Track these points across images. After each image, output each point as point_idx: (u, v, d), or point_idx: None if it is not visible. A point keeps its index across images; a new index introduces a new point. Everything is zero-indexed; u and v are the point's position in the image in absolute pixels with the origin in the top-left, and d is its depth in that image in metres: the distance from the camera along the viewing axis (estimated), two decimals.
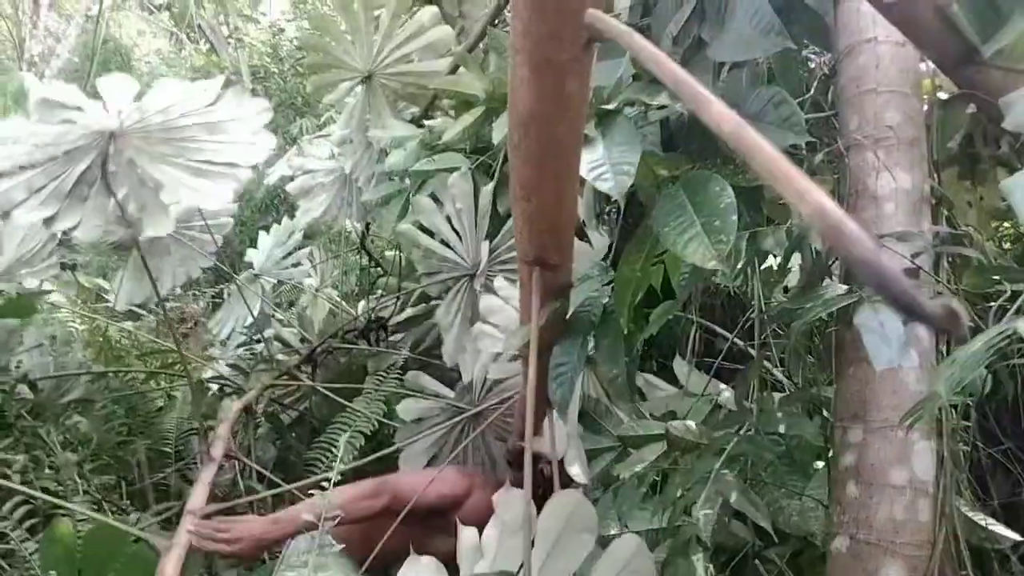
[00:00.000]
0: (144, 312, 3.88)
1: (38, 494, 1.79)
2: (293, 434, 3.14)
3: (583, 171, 1.28)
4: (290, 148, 3.91)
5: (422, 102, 2.87)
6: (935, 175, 1.56)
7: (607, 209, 1.76)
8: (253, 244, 3.66)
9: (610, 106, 1.39)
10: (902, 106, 1.49)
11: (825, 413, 1.44)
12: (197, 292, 4.32)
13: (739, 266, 1.44)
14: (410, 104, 2.92)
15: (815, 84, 1.72)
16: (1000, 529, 1.46)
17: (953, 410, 1.32)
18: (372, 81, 2.82)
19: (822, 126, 1.58)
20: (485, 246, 2.29)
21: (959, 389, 1.17)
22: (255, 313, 3.21)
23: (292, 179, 3.42)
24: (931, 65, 1.63)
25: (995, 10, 1.42)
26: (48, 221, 1.69)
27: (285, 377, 2.91)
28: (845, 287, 1.26)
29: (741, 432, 1.35)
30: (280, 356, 3.05)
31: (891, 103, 1.50)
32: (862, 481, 1.28)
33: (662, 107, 1.44)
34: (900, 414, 1.25)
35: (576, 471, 1.90)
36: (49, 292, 2.74)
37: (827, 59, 1.80)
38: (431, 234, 2.43)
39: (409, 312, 3.21)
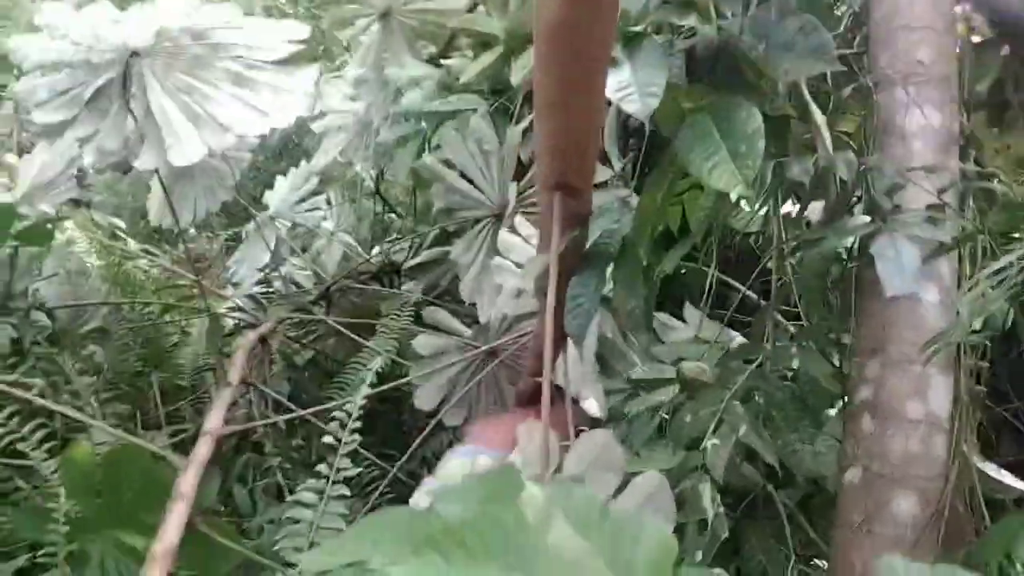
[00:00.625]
0: (158, 253, 3.89)
1: (61, 408, 1.81)
2: (307, 374, 3.17)
3: (609, 92, 1.25)
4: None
5: (440, 41, 2.82)
6: (966, 115, 1.52)
7: (630, 142, 1.73)
8: (268, 189, 3.64)
9: (637, 28, 1.35)
10: (935, 43, 1.45)
11: (839, 356, 1.43)
12: (211, 235, 4.32)
13: (762, 202, 1.42)
14: (428, 43, 2.87)
15: (844, 22, 1.67)
16: (1008, 478, 1.45)
17: (971, 349, 1.30)
18: (389, 18, 2.77)
19: (850, 65, 1.54)
20: (513, 187, 2.27)
21: (981, 325, 1.15)
22: (271, 253, 3.21)
23: (306, 122, 3.39)
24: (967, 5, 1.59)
25: None
26: (64, 126, 1.67)
27: (300, 312, 2.92)
28: (867, 218, 1.24)
29: (753, 367, 1.34)
30: (295, 289, 3.07)
31: (924, 40, 1.45)
32: (878, 415, 1.28)
33: (691, 34, 1.41)
34: (918, 349, 1.24)
35: (592, 407, 1.90)
36: (66, 218, 2.75)
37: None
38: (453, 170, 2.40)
39: (424, 256, 3.21)
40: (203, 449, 1.86)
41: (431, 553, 0.50)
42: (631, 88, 1.26)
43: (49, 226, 2.17)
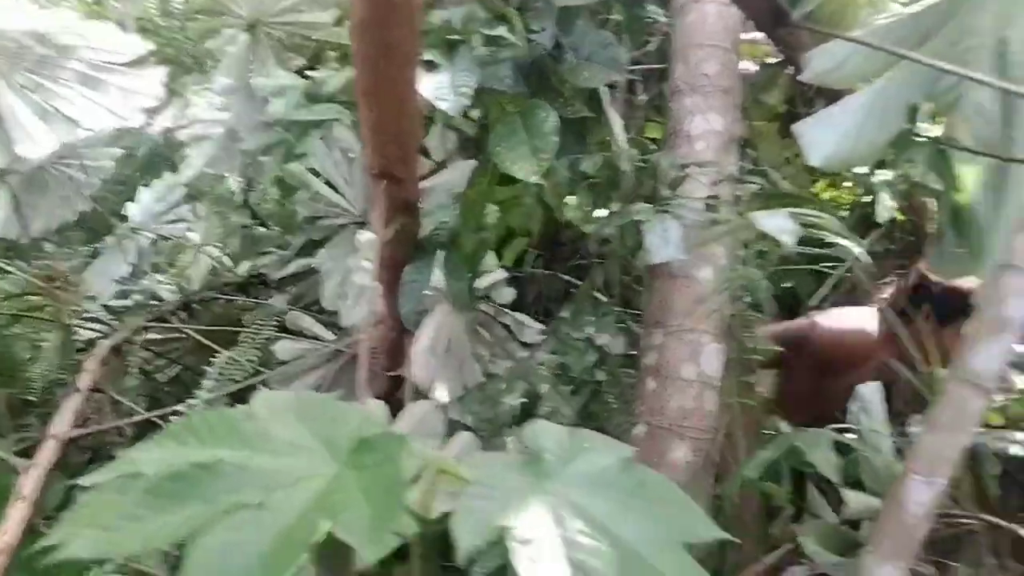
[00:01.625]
0: (10, 268, 3.86)
1: None
2: (166, 390, 3.22)
3: (426, 92, 1.49)
4: (175, 103, 3.95)
5: (307, 54, 3.02)
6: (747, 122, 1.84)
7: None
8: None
9: (456, 37, 1.60)
10: (721, 59, 1.77)
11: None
12: (71, 248, 4.30)
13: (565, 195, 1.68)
14: (296, 55, 3.06)
15: (659, 40, 1.99)
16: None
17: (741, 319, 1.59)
18: (256, 29, 2.94)
19: (658, 75, 1.84)
20: None
21: (747, 296, 1.44)
22: (133, 266, 3.28)
23: (175, 131, 3.49)
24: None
25: None
26: None
27: (159, 323, 3.00)
28: (649, 206, 1.52)
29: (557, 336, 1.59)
30: (154, 302, 3.14)
31: (712, 56, 1.77)
32: (659, 377, 1.54)
33: (508, 45, 1.67)
34: (697, 320, 1.52)
35: (441, 394, 2.11)
36: None
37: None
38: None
39: (293, 268, 3.34)
40: (47, 453, 1.94)
41: (170, 442, 0.68)
42: (446, 88, 1.50)
43: None
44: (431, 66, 1.55)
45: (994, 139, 1.42)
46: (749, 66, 2.02)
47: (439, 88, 1.50)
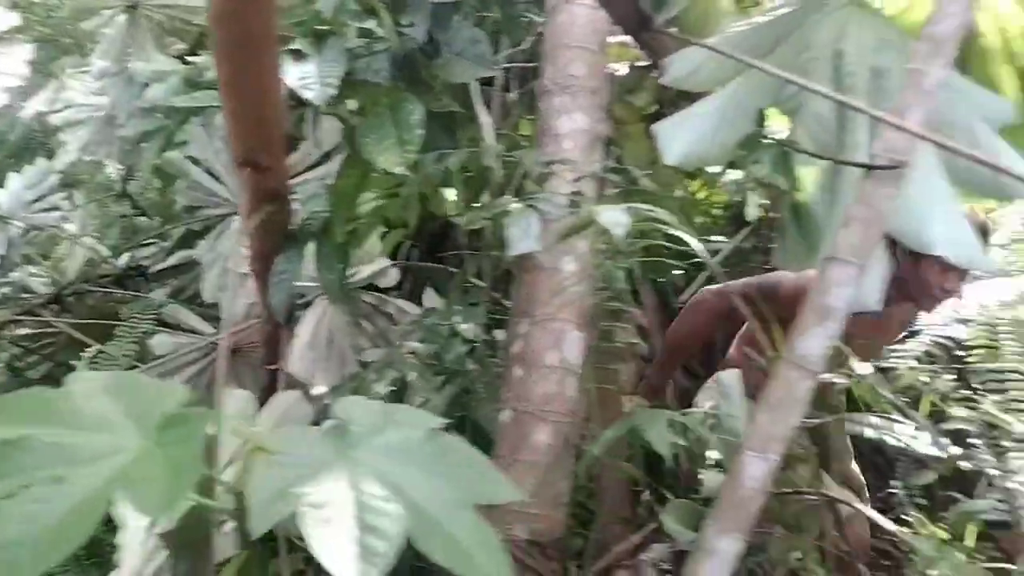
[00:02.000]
0: None
1: None
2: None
3: (291, 82, 1.50)
4: (50, 85, 3.79)
5: (189, 39, 2.95)
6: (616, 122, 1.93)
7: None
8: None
9: (325, 27, 1.62)
10: (588, 60, 1.85)
11: None
12: None
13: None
14: (177, 40, 2.99)
15: (533, 39, 2.05)
16: None
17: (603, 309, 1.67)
18: (136, 11, 2.87)
19: (532, 74, 1.90)
20: None
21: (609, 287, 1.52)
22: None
23: (48, 115, 3.36)
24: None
25: None
26: None
27: (28, 315, 2.88)
28: (514, 200, 1.58)
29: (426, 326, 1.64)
30: (24, 295, 3.01)
31: (579, 57, 1.85)
32: (525, 364, 1.61)
33: (379, 38, 1.70)
34: (560, 310, 1.59)
35: (320, 386, 2.12)
36: None
37: None
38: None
39: (174, 259, 3.27)
40: None
41: None
42: (312, 79, 1.52)
43: None
44: (299, 56, 1.57)
45: (831, 143, 1.54)
46: (620, 68, 2.11)
47: (304, 78, 1.51)
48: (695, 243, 1.31)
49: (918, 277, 1.80)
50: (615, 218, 1.16)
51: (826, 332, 1.32)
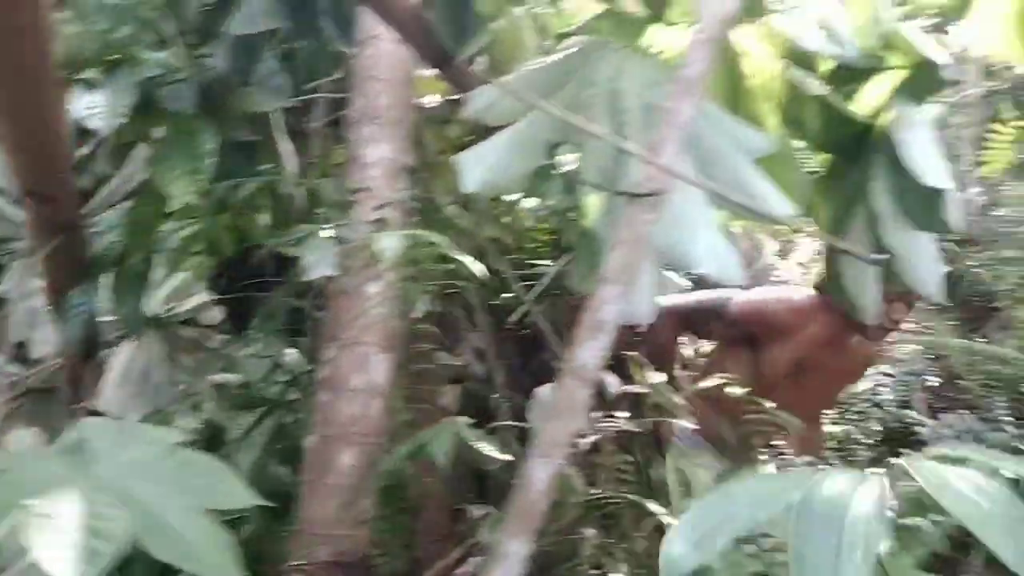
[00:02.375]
0: None
1: None
2: None
3: (76, 112, 1.48)
4: None
5: None
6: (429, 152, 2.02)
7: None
8: None
9: (114, 57, 1.61)
10: (393, 93, 1.92)
11: None
12: None
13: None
14: None
15: (344, 70, 2.11)
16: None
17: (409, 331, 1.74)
18: None
19: (340, 105, 1.96)
20: None
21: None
22: None
23: None
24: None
25: (465, 21, 1.91)
26: None
27: None
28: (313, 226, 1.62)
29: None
30: None
31: (386, 89, 1.92)
32: (331, 388, 1.64)
33: (174, 68, 1.70)
34: (364, 333, 1.64)
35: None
36: None
37: None
38: None
39: None
40: None
41: None
42: (100, 109, 1.51)
43: None
44: (89, 85, 1.55)
45: (610, 173, 1.68)
46: (433, 100, 2.20)
47: (90, 107, 1.50)
48: (476, 266, 1.40)
49: None
50: (387, 243, 1.23)
51: (599, 344, 1.43)
